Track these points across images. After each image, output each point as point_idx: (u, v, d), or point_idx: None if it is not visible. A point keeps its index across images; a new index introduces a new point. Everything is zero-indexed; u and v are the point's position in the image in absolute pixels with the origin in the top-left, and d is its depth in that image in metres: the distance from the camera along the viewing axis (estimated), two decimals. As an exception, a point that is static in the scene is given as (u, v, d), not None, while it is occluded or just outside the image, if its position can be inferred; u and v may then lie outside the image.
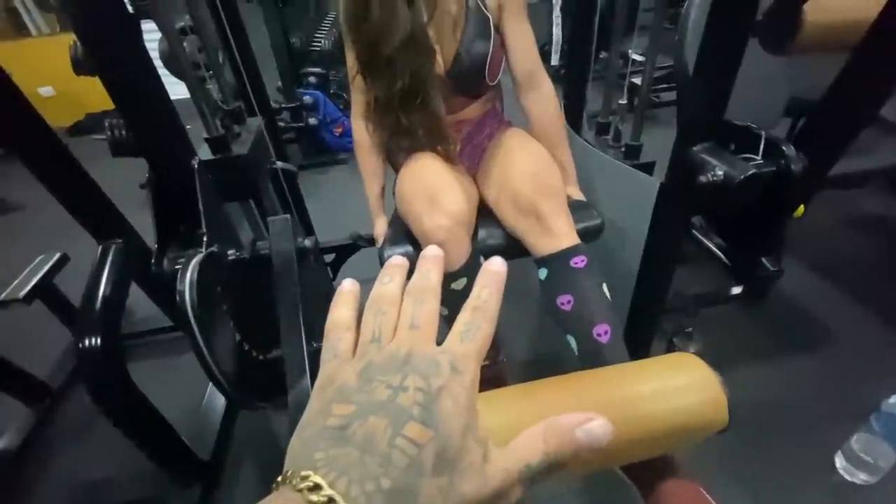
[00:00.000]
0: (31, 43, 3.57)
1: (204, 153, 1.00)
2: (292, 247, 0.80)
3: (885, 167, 1.24)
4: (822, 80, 0.91)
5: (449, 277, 0.85)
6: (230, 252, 0.79)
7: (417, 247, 0.89)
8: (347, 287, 0.30)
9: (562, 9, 3.27)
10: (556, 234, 0.85)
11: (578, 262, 0.83)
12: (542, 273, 0.87)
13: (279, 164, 1.17)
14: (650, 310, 1.13)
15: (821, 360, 1.28)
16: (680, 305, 1.23)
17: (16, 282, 1.24)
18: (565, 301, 0.83)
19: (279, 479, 0.20)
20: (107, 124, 1.10)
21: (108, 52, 0.72)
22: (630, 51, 2.34)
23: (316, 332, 1.02)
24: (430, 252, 0.30)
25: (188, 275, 0.64)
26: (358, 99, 0.98)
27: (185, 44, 1.41)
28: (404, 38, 0.81)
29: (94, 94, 3.12)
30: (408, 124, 0.91)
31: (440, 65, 0.90)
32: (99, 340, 0.81)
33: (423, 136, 0.93)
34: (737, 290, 1.34)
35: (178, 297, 0.65)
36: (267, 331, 0.93)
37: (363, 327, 0.27)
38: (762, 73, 1.27)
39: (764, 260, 0.97)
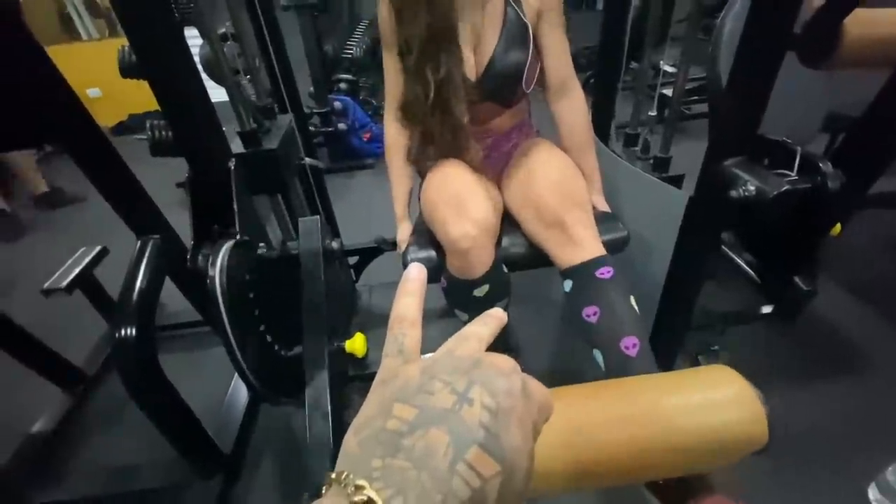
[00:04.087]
0: (82, 47, 3.76)
1: (236, 147, 1.04)
2: (320, 247, 0.82)
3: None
4: (863, 96, 0.88)
5: (472, 284, 0.86)
6: (260, 247, 0.81)
7: (441, 253, 0.90)
8: (413, 274, 0.29)
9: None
10: (581, 244, 0.84)
11: (604, 272, 0.82)
12: (567, 285, 0.86)
13: (307, 160, 1.19)
14: (675, 326, 1.10)
15: (855, 386, 1.23)
16: (707, 323, 1.20)
17: (58, 272, 1.31)
18: (591, 313, 0.81)
19: (332, 475, 0.20)
20: (148, 125, 1.16)
21: (157, 56, 0.76)
22: (661, 62, 2.31)
23: (338, 331, 1.04)
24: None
25: (219, 259, 0.66)
26: (391, 101, 0.99)
27: (224, 49, 1.47)
28: (437, 31, 0.82)
29: (137, 96, 3.25)
30: (431, 128, 0.92)
31: (472, 70, 0.91)
32: (134, 331, 0.85)
33: (446, 142, 0.93)
34: (767, 309, 1.29)
35: (208, 282, 0.67)
36: (291, 327, 0.95)
37: (386, 348, 0.27)
38: (799, 86, 1.24)
39: (797, 279, 0.94)
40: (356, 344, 0.99)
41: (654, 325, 1.13)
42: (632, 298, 0.82)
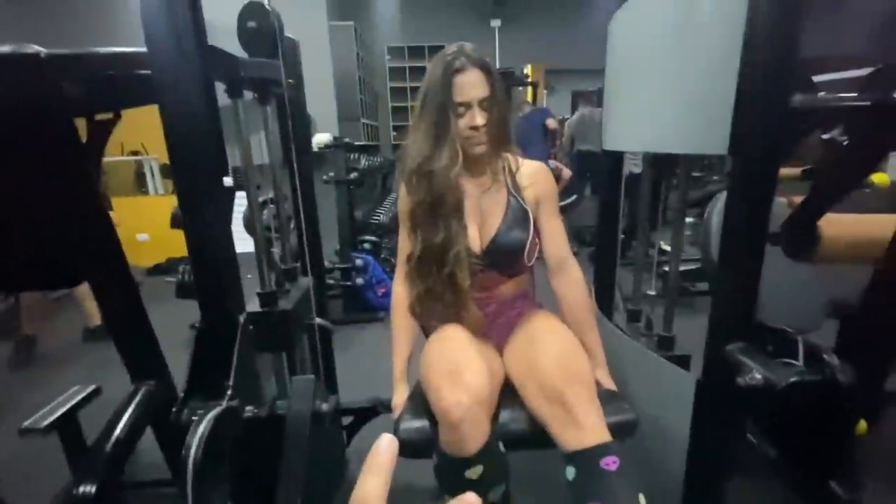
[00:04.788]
0: (146, 200, 4.33)
1: (252, 305, 1.09)
2: (309, 412, 0.80)
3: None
4: (857, 285, 0.91)
5: (463, 464, 0.79)
6: (248, 409, 0.79)
7: (434, 422, 0.85)
8: (384, 447, 0.27)
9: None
10: (584, 426, 0.79)
11: (610, 463, 0.76)
12: (570, 472, 0.79)
13: (318, 321, 1.23)
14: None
15: None
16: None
17: (42, 411, 1.26)
18: None
19: None
20: (180, 269, 1.26)
21: (198, 216, 0.86)
22: (661, 241, 2.48)
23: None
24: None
25: (200, 429, 0.64)
26: (402, 267, 1.08)
27: (264, 212, 1.67)
28: (438, 200, 0.94)
29: (179, 243, 3.60)
30: (433, 285, 0.98)
31: (477, 243, 1.00)
32: (95, 487, 0.78)
33: (447, 301, 0.98)
34: (812, 517, 1.11)
35: (184, 450, 0.64)
36: (264, 495, 0.86)
37: None
38: (796, 274, 1.29)
39: (833, 484, 0.83)
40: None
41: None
42: (641, 497, 0.74)
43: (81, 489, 0.78)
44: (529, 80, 5.70)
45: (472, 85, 0.92)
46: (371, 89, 6.16)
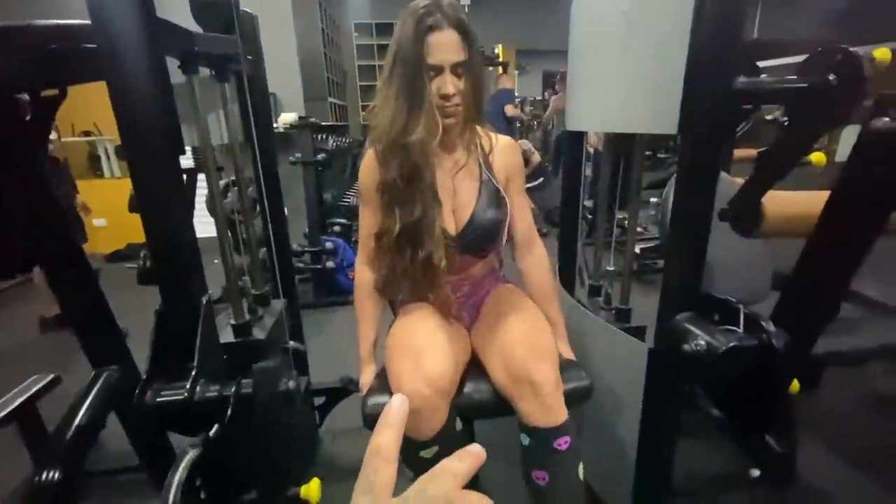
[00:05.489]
0: (101, 183, 4.13)
1: (226, 335, 1.09)
2: (272, 391, 0.81)
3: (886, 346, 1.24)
4: (795, 258, 0.98)
5: (419, 446, 0.83)
6: (213, 388, 0.78)
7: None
8: (395, 406, 0.29)
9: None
10: (544, 405, 0.83)
11: (562, 443, 0.84)
12: (525, 439, 0.86)
13: (291, 343, 1.26)
14: (654, 491, 1.02)
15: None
16: (690, 487, 1.11)
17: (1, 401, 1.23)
18: (541, 476, 0.85)
19: None
20: (142, 254, 1.22)
21: (154, 197, 0.83)
22: (625, 220, 2.57)
23: (292, 481, 0.95)
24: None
25: (177, 476, 0.68)
26: (364, 248, 1.04)
27: (229, 195, 1.62)
28: (412, 175, 0.89)
29: (138, 228, 3.47)
30: (403, 262, 0.93)
31: (452, 225, 0.97)
32: (58, 475, 0.77)
33: (418, 278, 0.94)
34: (755, 472, 1.22)
35: (163, 493, 0.67)
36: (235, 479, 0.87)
37: (357, 484, 0.27)
38: (745, 248, 1.37)
39: (769, 440, 0.91)
40: (311, 489, 0.90)
41: (633, 488, 1.04)
42: (580, 467, 0.87)
43: (44, 477, 0.77)
44: (500, 60, 5.67)
45: (445, 47, 0.83)
46: (339, 68, 5.99)
